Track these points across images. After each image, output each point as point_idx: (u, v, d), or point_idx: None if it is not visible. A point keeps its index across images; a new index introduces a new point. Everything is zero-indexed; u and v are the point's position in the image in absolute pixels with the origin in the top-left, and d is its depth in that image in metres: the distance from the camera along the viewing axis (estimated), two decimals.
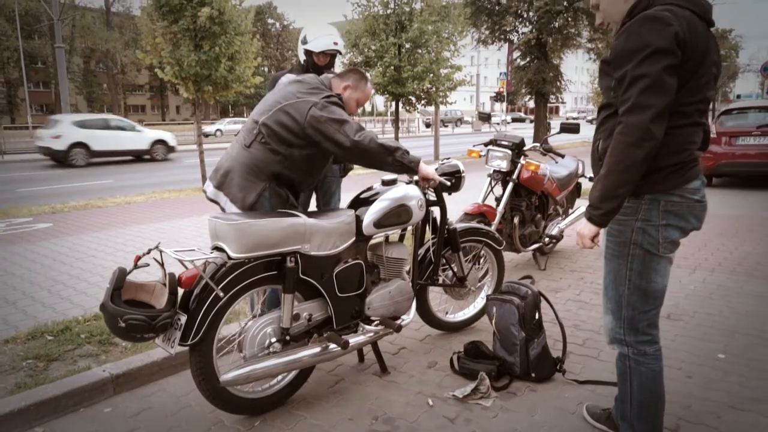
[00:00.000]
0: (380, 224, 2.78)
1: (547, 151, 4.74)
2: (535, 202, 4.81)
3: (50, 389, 2.63)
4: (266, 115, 2.68)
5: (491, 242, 3.56)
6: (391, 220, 2.82)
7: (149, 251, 2.32)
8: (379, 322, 2.88)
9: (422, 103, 14.09)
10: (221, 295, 2.34)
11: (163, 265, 2.35)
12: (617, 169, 1.81)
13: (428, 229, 3.21)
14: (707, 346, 3.27)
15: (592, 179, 2.37)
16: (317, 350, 2.63)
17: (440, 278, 3.36)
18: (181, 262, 2.27)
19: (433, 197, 3.11)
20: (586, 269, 4.88)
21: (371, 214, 2.76)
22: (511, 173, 4.57)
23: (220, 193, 2.72)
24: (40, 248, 5.72)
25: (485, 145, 4.73)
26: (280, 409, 2.65)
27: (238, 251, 2.33)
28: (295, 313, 2.57)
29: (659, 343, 2.10)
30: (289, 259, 2.48)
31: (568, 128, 4.56)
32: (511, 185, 4.54)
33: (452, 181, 3.19)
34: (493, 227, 4.28)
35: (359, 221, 2.74)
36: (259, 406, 2.60)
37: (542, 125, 20.35)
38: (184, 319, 2.29)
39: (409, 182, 2.99)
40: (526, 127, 30.37)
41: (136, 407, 2.69)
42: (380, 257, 2.98)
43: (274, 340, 2.54)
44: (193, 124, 27.29)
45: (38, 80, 46.33)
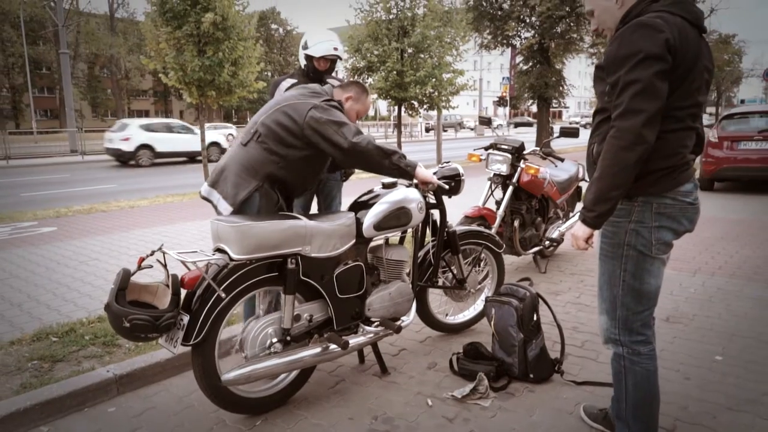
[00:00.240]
0: (380, 227, 2.81)
1: (546, 155, 4.77)
2: (535, 205, 4.84)
3: (55, 389, 2.67)
4: (265, 115, 2.73)
5: (491, 245, 3.59)
6: (390, 222, 2.85)
7: (153, 253, 2.36)
8: (379, 323, 2.91)
9: (425, 107, 14.14)
10: (223, 296, 2.38)
11: (166, 266, 2.40)
12: (610, 172, 1.85)
13: (428, 231, 3.25)
14: (705, 348, 3.29)
15: None
16: (318, 351, 2.66)
17: (440, 280, 3.39)
18: (183, 263, 2.31)
19: (433, 200, 3.15)
20: (586, 272, 4.90)
21: (371, 216, 2.80)
22: (511, 177, 4.61)
23: (213, 190, 2.73)
24: (44, 251, 5.77)
25: (485, 149, 4.77)
26: (281, 408, 2.68)
27: (239, 253, 2.37)
28: (295, 314, 2.61)
29: (653, 343, 2.13)
30: (290, 260, 2.52)
31: (567, 132, 4.60)
32: (511, 189, 4.57)
33: (451, 184, 3.23)
34: (493, 230, 4.31)
35: (359, 224, 2.78)
36: (260, 405, 2.63)
37: (545, 129, 20.39)
38: (186, 319, 2.33)
39: (409, 185, 3.02)
40: (530, 131, 30.37)
41: (139, 407, 2.72)
42: (380, 259, 3.01)
43: (275, 340, 2.58)
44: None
45: (43, 86, 46.53)
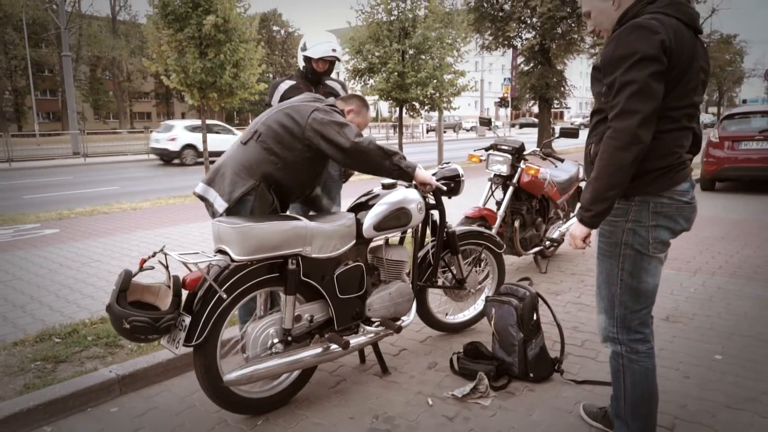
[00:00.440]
0: (380, 227, 2.83)
1: (546, 155, 4.78)
2: (535, 205, 4.86)
3: (58, 390, 2.69)
4: (267, 116, 2.75)
5: (491, 245, 3.61)
6: (390, 223, 2.87)
7: (154, 254, 2.38)
8: (379, 323, 2.93)
9: (426, 108, 14.17)
10: (224, 296, 2.39)
11: (167, 267, 2.41)
12: (607, 172, 1.87)
13: (428, 232, 3.26)
14: (705, 347, 3.30)
15: None
16: (319, 351, 2.68)
17: (439, 280, 3.41)
18: (185, 264, 2.33)
19: (432, 201, 3.16)
20: (586, 272, 4.91)
21: (371, 217, 2.81)
22: (511, 177, 4.62)
23: (210, 188, 2.72)
24: (47, 253, 5.80)
25: (486, 149, 4.79)
26: (282, 408, 2.70)
27: (240, 254, 2.39)
28: (296, 314, 2.62)
29: (652, 341, 2.14)
30: (290, 261, 2.53)
31: (567, 133, 4.61)
32: (511, 189, 4.59)
33: (451, 185, 3.24)
34: (494, 231, 4.33)
35: (359, 224, 2.80)
36: (262, 405, 2.65)
37: (546, 130, 20.39)
38: (188, 320, 2.35)
39: (408, 186, 3.04)
40: (534, 132, 30.36)
41: (141, 407, 2.74)
42: (380, 259, 3.03)
43: (276, 340, 2.60)
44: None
45: (45, 88, 46.68)
